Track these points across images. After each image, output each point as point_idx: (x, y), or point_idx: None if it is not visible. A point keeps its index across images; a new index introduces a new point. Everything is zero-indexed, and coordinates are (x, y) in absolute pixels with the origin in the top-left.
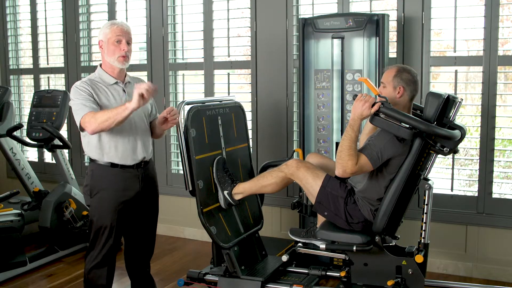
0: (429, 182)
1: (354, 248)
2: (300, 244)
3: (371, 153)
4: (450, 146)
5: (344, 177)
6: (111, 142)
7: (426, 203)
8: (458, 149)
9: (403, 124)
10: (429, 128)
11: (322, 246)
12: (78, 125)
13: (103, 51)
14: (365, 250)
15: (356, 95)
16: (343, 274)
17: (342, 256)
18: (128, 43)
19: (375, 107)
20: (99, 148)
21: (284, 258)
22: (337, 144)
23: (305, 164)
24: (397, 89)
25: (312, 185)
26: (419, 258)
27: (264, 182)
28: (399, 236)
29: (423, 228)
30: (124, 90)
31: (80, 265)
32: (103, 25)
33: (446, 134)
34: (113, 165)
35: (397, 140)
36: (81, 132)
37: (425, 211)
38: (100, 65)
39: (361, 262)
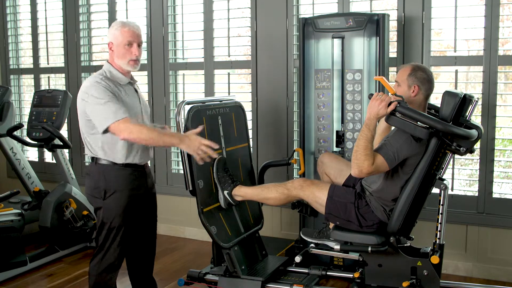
0: (444, 182)
1: (369, 249)
2: (312, 245)
3: (387, 153)
4: (467, 145)
5: (359, 177)
6: (128, 142)
7: (441, 203)
8: (474, 148)
9: (420, 123)
10: (447, 128)
11: (336, 247)
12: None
13: (113, 53)
14: (379, 251)
15: (371, 94)
16: (357, 275)
17: (355, 257)
18: (139, 45)
19: (392, 106)
20: (114, 150)
21: (297, 259)
22: (336, 143)
23: (311, 182)
24: (411, 87)
25: (320, 197)
26: (434, 259)
27: (268, 195)
28: (413, 237)
29: (439, 229)
30: (136, 91)
31: (80, 265)
32: (112, 24)
33: (464, 134)
34: (126, 165)
35: (414, 140)
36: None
37: (440, 212)
38: (108, 61)
39: (375, 263)
